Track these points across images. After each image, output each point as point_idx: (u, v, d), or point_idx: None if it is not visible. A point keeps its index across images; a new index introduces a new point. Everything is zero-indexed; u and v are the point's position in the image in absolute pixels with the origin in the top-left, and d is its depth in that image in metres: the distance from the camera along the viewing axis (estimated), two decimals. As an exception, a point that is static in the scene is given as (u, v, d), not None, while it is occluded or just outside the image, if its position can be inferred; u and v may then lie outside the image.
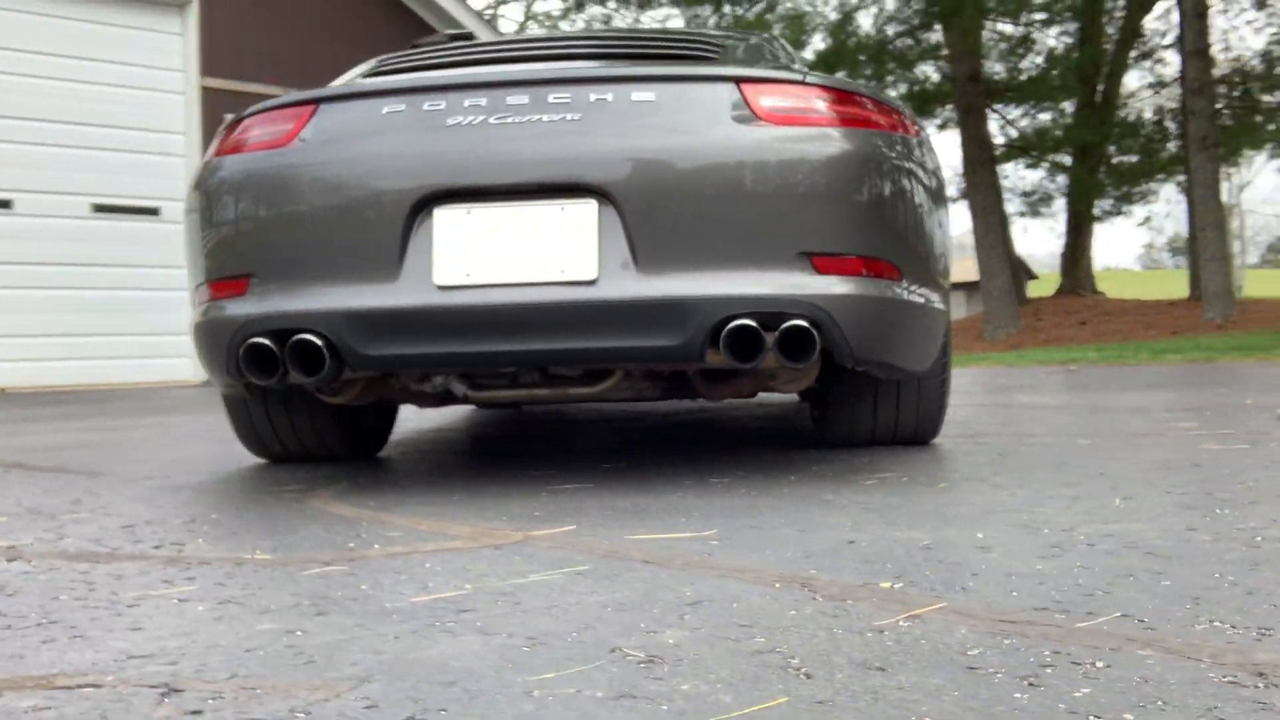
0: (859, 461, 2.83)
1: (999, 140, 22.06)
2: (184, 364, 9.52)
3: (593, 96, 2.49)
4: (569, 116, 2.45)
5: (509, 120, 2.46)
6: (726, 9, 18.96)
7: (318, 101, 2.58)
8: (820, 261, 2.44)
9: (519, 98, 2.48)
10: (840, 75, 2.30)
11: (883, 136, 2.57)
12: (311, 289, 2.46)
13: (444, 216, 2.42)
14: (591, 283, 2.38)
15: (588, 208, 2.40)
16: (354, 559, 1.78)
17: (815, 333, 2.39)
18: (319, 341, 2.44)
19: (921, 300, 2.65)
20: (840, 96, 2.57)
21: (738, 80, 2.53)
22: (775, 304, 2.38)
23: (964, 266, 31.69)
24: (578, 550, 1.78)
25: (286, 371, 2.49)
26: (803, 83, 2.56)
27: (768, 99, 2.51)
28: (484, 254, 2.40)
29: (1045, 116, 22.39)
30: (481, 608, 1.42)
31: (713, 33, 3.25)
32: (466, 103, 2.50)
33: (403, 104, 2.52)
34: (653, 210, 2.38)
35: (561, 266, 2.38)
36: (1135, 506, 2.04)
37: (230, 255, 2.56)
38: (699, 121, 2.46)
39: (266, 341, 2.46)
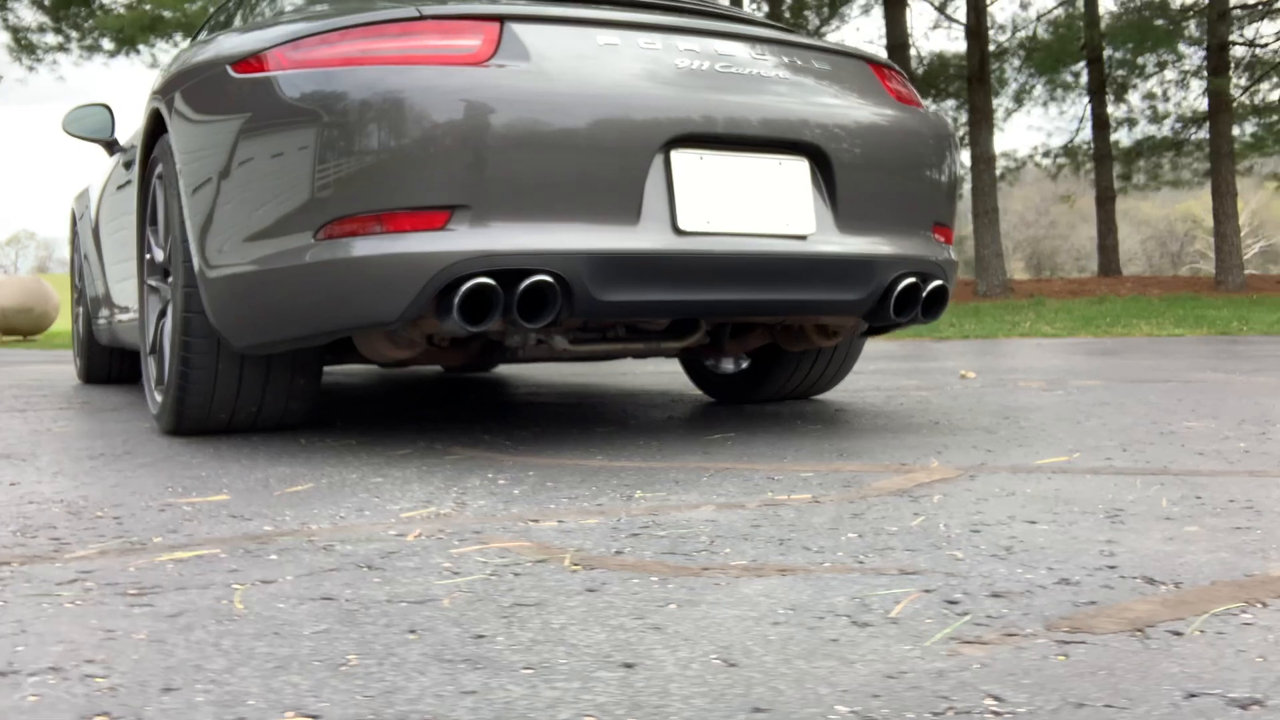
0: (891, 409, 3.27)
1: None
2: None
3: (786, 58, 2.64)
4: (780, 74, 2.59)
5: (732, 70, 2.52)
6: None
7: (501, 19, 2.39)
8: (939, 230, 2.86)
9: (729, 49, 2.56)
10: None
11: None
12: (541, 226, 2.30)
13: (681, 160, 2.42)
14: (805, 237, 2.55)
15: (801, 165, 2.56)
16: (877, 493, 1.87)
17: (948, 291, 2.81)
18: (554, 283, 2.30)
19: None
20: (907, 80, 3.00)
21: (867, 60, 2.85)
22: (927, 265, 2.75)
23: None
24: (1032, 477, 2.06)
25: (495, 317, 2.29)
26: (896, 69, 2.95)
27: (891, 81, 2.87)
28: (718, 201, 2.45)
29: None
30: (1194, 515, 1.70)
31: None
32: (682, 46, 2.51)
33: (617, 38, 2.45)
34: (852, 171, 2.62)
35: (786, 220, 2.52)
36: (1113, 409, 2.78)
37: (418, 183, 2.26)
38: (864, 94, 2.74)
39: (491, 282, 2.25)
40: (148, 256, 3.13)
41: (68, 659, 1.00)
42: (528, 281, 2.26)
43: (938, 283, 2.76)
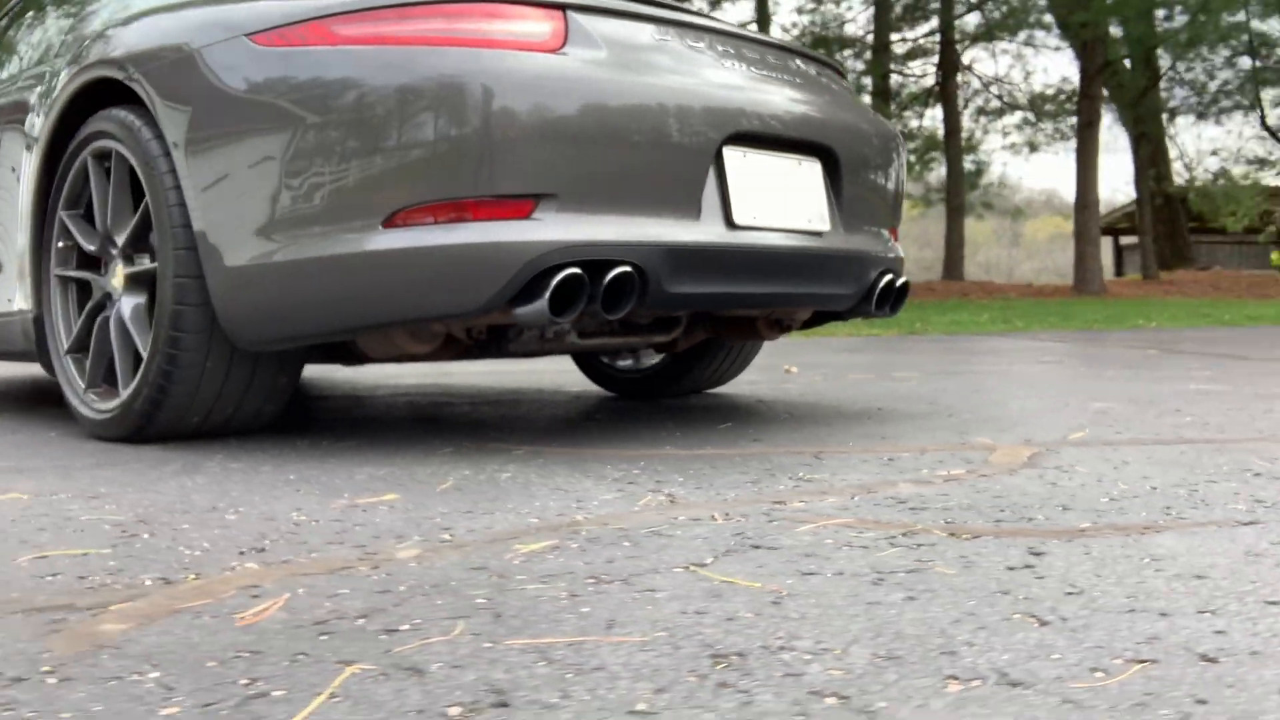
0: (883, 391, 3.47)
1: None
2: None
3: (794, 64, 2.79)
4: (794, 79, 2.73)
5: (763, 74, 2.63)
6: None
7: (564, 7, 2.38)
8: (893, 232, 3.11)
9: (753, 53, 2.67)
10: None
11: None
12: (620, 218, 2.31)
13: (731, 157, 2.50)
14: (821, 234, 2.71)
15: (816, 166, 2.72)
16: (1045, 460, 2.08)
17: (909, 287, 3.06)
18: (634, 275, 2.32)
19: None
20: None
21: (837, 69, 3.05)
22: (895, 263, 2.99)
23: None
24: (1100, 450, 2.33)
25: (579, 308, 2.29)
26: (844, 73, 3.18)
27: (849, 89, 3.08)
28: (759, 198, 2.55)
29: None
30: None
31: None
32: (719, 47, 2.59)
33: (668, 34, 2.50)
34: (853, 174, 2.80)
35: (808, 217, 2.66)
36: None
37: (504, 171, 2.21)
38: (849, 100, 2.94)
39: (580, 272, 2.25)
40: (59, 245, 2.80)
41: (874, 648, 0.99)
42: (614, 273, 2.26)
43: (904, 279, 2.99)
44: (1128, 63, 17.83)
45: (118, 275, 2.63)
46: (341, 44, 2.25)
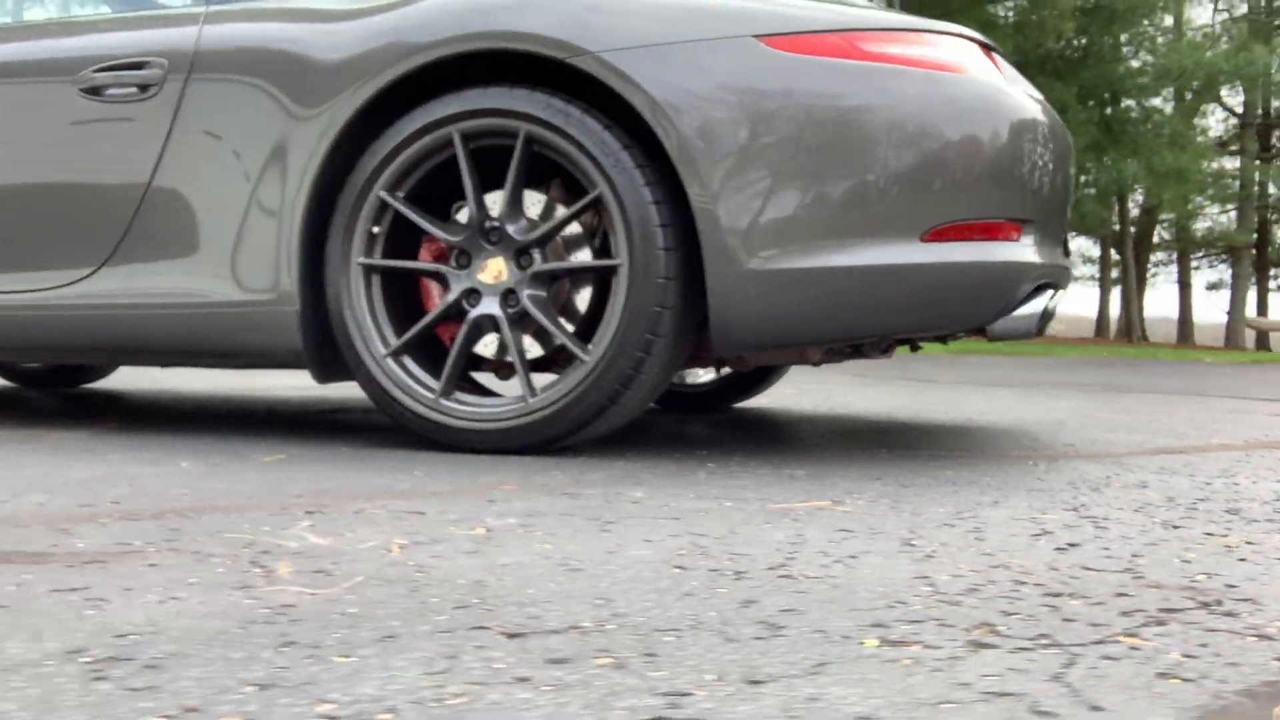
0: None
1: None
2: None
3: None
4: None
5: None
6: None
7: (986, 47, 2.64)
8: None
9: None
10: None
11: None
12: (1043, 243, 2.64)
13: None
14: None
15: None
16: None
17: None
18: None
19: None
20: None
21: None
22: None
23: None
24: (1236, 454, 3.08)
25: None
26: None
27: None
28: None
29: None
30: None
31: None
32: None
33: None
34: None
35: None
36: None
37: (1011, 195, 2.44)
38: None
39: (1053, 290, 2.59)
40: (373, 230, 2.52)
41: None
42: (1050, 291, 2.59)
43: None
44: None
45: (493, 270, 2.45)
46: (868, 60, 2.35)
